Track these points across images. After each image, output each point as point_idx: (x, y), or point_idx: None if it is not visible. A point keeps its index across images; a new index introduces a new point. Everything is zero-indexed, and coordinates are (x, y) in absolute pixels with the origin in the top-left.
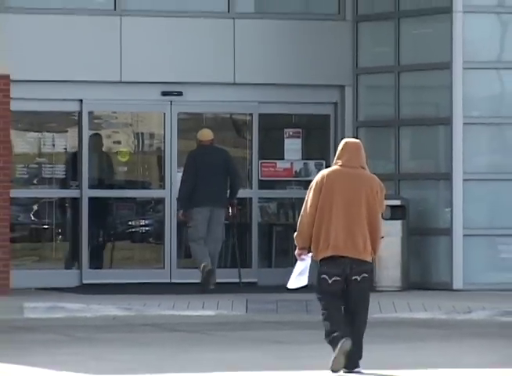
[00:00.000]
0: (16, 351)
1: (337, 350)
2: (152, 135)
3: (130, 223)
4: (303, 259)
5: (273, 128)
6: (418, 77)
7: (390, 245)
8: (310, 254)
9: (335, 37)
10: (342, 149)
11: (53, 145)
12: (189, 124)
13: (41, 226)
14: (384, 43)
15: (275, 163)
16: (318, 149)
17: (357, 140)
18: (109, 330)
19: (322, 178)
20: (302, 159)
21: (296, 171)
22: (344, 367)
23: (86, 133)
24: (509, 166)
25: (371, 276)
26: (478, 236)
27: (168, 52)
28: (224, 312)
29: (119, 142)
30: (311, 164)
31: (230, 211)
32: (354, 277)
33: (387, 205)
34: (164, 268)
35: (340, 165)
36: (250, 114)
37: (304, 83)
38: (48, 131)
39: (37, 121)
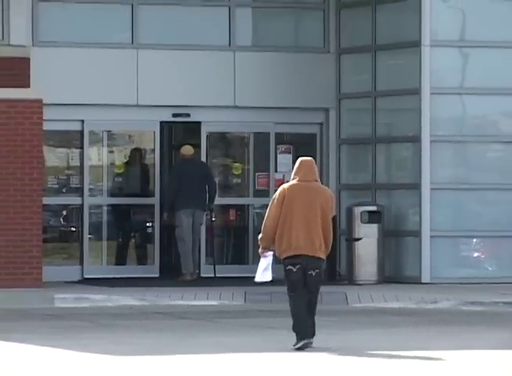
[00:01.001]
0: (48, 335)
1: (302, 342)
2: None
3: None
4: (265, 256)
5: (268, 146)
6: (392, 102)
7: (367, 245)
8: (271, 253)
9: (321, 67)
10: (298, 166)
11: (79, 159)
12: (194, 140)
13: (68, 229)
14: (363, 72)
15: (269, 175)
16: None
17: (310, 158)
18: (126, 318)
19: (284, 191)
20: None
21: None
22: (301, 338)
23: (105, 149)
24: (469, 178)
25: (322, 270)
26: (443, 238)
27: (178, 80)
28: (225, 302)
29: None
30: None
31: (210, 214)
32: (309, 272)
33: (366, 211)
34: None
35: (298, 180)
36: (249, 133)
37: (294, 106)
38: (75, 148)
39: (66, 139)
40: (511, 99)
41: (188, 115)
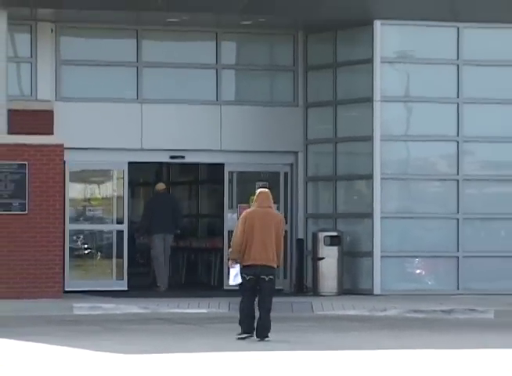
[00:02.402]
0: (67, 337)
1: (245, 335)
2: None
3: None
4: (233, 267)
5: (246, 182)
6: (349, 146)
7: (329, 263)
8: (238, 264)
9: (291, 118)
10: (257, 196)
11: (96, 193)
12: (191, 177)
13: (85, 249)
14: (326, 122)
15: (249, 206)
16: (278, 196)
17: (267, 190)
18: (132, 323)
19: (247, 214)
20: None
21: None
22: (257, 337)
23: (122, 185)
24: (413, 208)
25: (274, 276)
26: (391, 257)
27: (174, 128)
28: (213, 310)
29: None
30: (275, 206)
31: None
32: (262, 277)
33: (328, 236)
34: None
35: (257, 206)
36: (231, 172)
37: (269, 150)
38: (91, 183)
39: (84, 176)
40: (446, 145)
41: (183, 157)
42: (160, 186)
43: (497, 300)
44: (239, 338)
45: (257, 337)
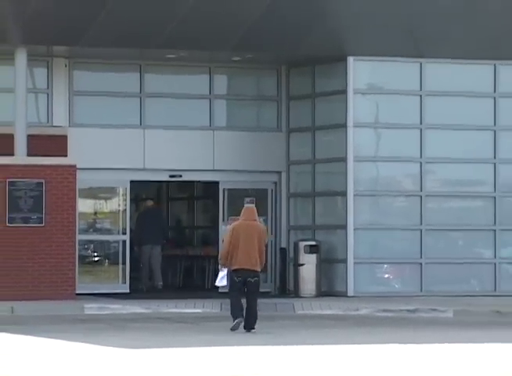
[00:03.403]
0: (79, 334)
1: (235, 323)
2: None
3: None
4: (222, 270)
5: (236, 197)
6: (326, 167)
7: (309, 269)
8: (226, 268)
9: (275, 142)
10: (243, 211)
11: (103, 207)
12: (187, 193)
13: (94, 257)
14: (305, 145)
15: (239, 218)
16: (264, 210)
17: (252, 205)
18: (136, 322)
19: (234, 227)
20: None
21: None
22: (244, 328)
23: (126, 200)
24: (382, 221)
25: (259, 278)
26: (363, 264)
27: (173, 151)
28: (207, 309)
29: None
30: (261, 220)
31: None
32: (249, 279)
33: (307, 245)
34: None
35: (243, 220)
36: (224, 189)
37: (256, 170)
38: (99, 199)
39: (93, 193)
40: (411, 165)
41: (181, 176)
42: (149, 202)
43: (455, 301)
44: (233, 328)
45: (245, 328)
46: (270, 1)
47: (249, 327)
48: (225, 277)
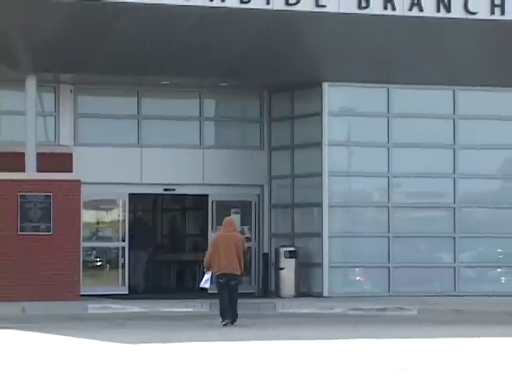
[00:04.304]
0: (84, 331)
1: (225, 321)
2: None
3: None
4: (207, 273)
5: (224, 208)
6: (304, 181)
7: (288, 272)
8: (210, 272)
9: (258, 158)
10: (224, 223)
11: (105, 218)
12: (180, 205)
13: (96, 262)
14: (285, 162)
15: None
16: (248, 220)
17: (231, 217)
18: (135, 320)
19: (217, 237)
20: (241, 225)
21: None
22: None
23: (125, 211)
24: (354, 229)
25: (239, 280)
26: (337, 267)
27: (167, 167)
28: (198, 309)
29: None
30: (246, 228)
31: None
32: (231, 282)
33: (287, 251)
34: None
35: (223, 231)
36: (212, 201)
37: (241, 183)
38: (101, 210)
39: (95, 205)
40: (379, 180)
41: (174, 189)
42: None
43: (420, 300)
44: (224, 325)
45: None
46: (254, 34)
47: (232, 321)
48: (209, 280)
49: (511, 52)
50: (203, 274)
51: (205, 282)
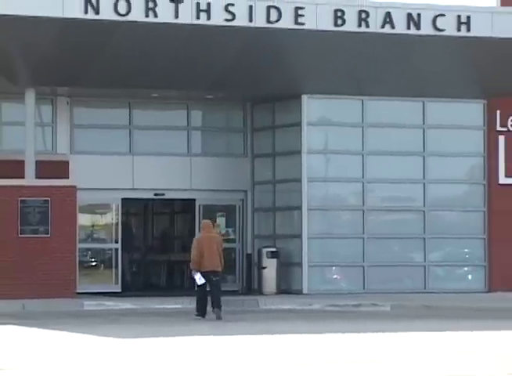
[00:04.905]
0: (80, 326)
1: (199, 316)
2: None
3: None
4: (196, 273)
5: (210, 212)
6: (284, 186)
7: (270, 271)
8: (198, 272)
9: (242, 165)
10: (203, 226)
11: (99, 221)
12: (169, 208)
13: (91, 262)
14: (267, 168)
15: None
16: (233, 222)
17: (209, 221)
18: (127, 316)
19: (200, 238)
20: (226, 227)
21: (223, 233)
22: (212, 307)
23: (118, 215)
24: (331, 231)
25: (220, 277)
26: (316, 266)
27: (157, 173)
28: (186, 305)
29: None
30: (230, 230)
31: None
32: (213, 278)
33: (269, 251)
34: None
35: (204, 233)
36: (199, 205)
37: (226, 189)
38: (95, 213)
39: (90, 209)
40: (355, 185)
41: (163, 194)
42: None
43: (392, 297)
44: (196, 316)
45: (214, 307)
46: (237, 50)
47: (217, 305)
48: (202, 277)
49: (476, 66)
50: (191, 275)
51: (200, 279)
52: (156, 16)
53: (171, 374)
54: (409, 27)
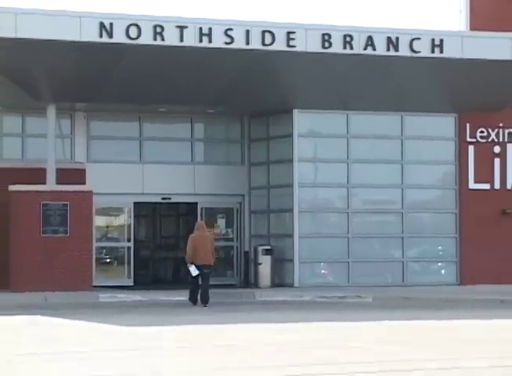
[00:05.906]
0: (93, 316)
1: (197, 305)
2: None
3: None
4: (191, 266)
5: (211, 214)
6: (278, 191)
7: (265, 267)
8: (192, 264)
9: (240, 172)
10: (197, 226)
11: (113, 222)
12: (175, 211)
13: (106, 259)
14: (262, 175)
15: (213, 230)
16: (231, 223)
17: (203, 222)
18: (138, 307)
19: (194, 237)
20: (225, 227)
21: (223, 234)
22: (201, 302)
23: (131, 217)
24: (319, 231)
25: (212, 269)
26: (306, 262)
27: (164, 179)
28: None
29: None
30: (230, 230)
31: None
32: (205, 270)
33: (264, 249)
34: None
35: (197, 232)
36: (201, 207)
37: (226, 193)
38: (110, 215)
39: (105, 211)
40: (340, 190)
41: (170, 198)
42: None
43: (374, 290)
44: (188, 301)
45: (202, 303)
46: (236, 69)
47: (205, 301)
48: (196, 269)
49: (448, 84)
50: (188, 267)
51: (194, 271)
52: (163, 39)
53: (181, 354)
54: (388, 49)
